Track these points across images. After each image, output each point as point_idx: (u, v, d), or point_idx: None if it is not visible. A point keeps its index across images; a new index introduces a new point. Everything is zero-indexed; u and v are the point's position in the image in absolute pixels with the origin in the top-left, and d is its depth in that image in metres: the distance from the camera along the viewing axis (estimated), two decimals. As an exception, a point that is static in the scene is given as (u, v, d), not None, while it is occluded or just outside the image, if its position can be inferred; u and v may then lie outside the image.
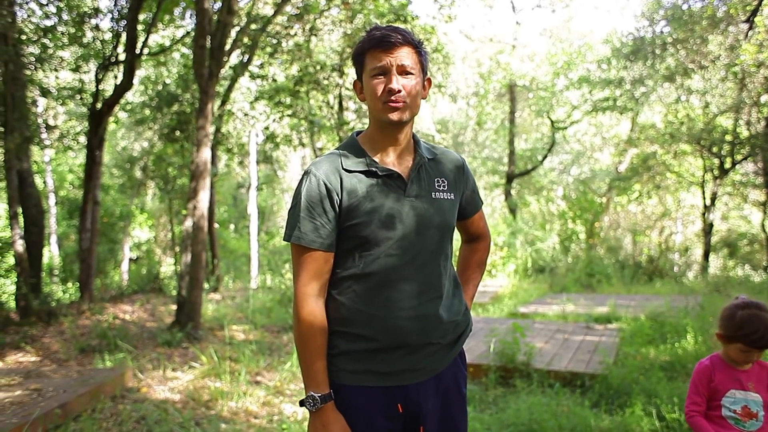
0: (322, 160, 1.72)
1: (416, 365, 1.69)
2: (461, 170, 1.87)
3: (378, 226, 1.65)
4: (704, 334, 5.90)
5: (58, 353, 6.35)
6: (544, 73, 18.14)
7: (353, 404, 1.67)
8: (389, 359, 1.67)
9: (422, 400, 1.70)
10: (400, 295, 1.66)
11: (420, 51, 1.69)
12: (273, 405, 4.69)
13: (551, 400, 4.45)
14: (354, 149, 1.74)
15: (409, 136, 1.77)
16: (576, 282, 12.59)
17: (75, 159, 16.83)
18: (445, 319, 1.73)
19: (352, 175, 1.68)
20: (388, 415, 1.67)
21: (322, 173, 1.67)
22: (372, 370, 1.67)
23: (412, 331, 1.66)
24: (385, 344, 1.66)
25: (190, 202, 7.09)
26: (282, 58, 9.00)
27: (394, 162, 1.74)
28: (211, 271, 11.14)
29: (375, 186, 1.68)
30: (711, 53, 12.35)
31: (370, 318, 1.66)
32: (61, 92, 9.61)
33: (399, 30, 1.66)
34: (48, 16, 8.78)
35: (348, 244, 1.68)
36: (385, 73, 1.64)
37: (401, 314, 1.66)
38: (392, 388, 1.67)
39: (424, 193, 1.72)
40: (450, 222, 1.77)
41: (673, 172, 16.03)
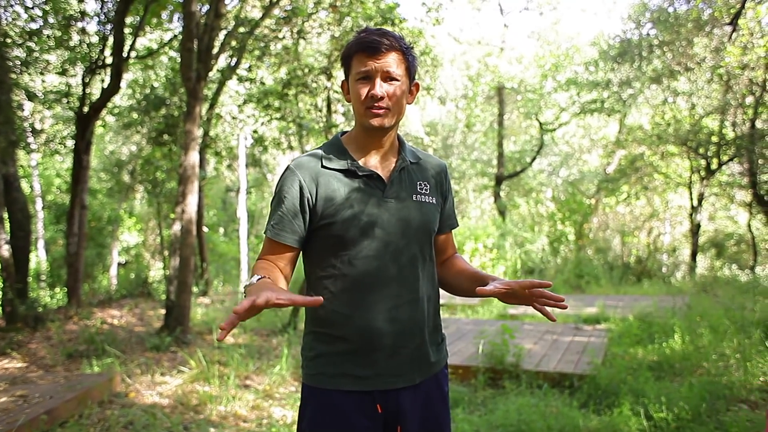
0: (303, 157, 1.73)
1: (392, 371, 1.67)
2: (444, 177, 1.86)
3: (354, 226, 1.65)
4: (691, 334, 5.95)
5: (44, 359, 6.29)
6: (532, 75, 18.22)
7: (332, 406, 1.66)
8: (367, 362, 1.66)
9: (401, 400, 1.69)
10: (376, 297, 1.65)
11: (408, 56, 1.68)
12: (262, 409, 4.67)
13: (540, 401, 4.47)
14: (337, 149, 1.73)
15: (393, 138, 1.77)
16: (565, 283, 12.65)
17: (62, 163, 16.69)
18: (423, 323, 1.72)
19: (331, 173, 1.68)
20: (367, 415, 1.66)
21: (300, 171, 1.68)
22: (350, 373, 1.66)
23: (388, 333, 1.66)
24: (361, 346, 1.66)
25: (179, 205, 7.06)
26: (270, 61, 8.99)
27: (376, 164, 1.74)
28: (200, 275, 11.09)
29: (353, 186, 1.68)
30: (696, 55, 12.46)
31: (347, 319, 1.66)
32: (47, 96, 9.54)
33: (387, 35, 1.65)
34: (33, 19, 8.71)
35: (324, 244, 1.68)
36: (370, 78, 1.64)
37: (378, 316, 1.65)
38: (364, 392, 1.66)
39: (405, 195, 1.72)
40: (431, 225, 1.76)
41: (660, 173, 16.14)
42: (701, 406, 3.98)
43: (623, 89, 14.49)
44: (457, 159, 22.21)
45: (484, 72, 18.26)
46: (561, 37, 19.78)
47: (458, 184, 22.80)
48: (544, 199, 20.42)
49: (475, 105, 19.08)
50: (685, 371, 5.01)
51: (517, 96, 18.87)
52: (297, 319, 7.74)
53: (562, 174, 21.65)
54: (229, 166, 16.16)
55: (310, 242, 1.72)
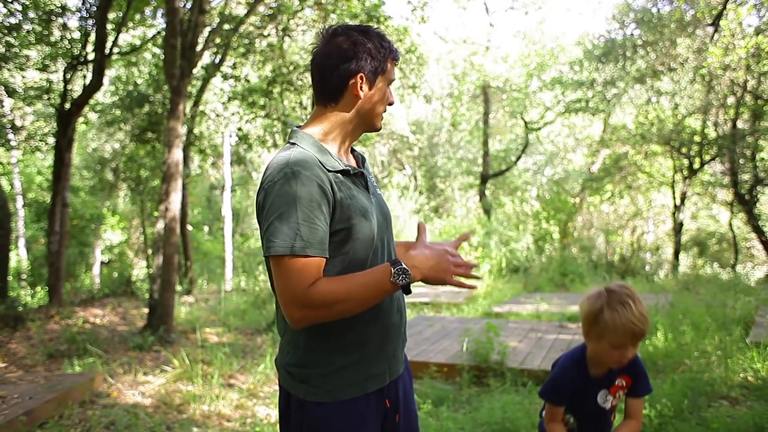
0: (304, 158, 1.53)
1: (398, 359, 1.73)
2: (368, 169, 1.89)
3: (369, 226, 1.60)
4: (674, 331, 5.99)
5: (24, 359, 6.20)
6: (518, 74, 18.30)
7: (354, 414, 1.60)
8: (383, 358, 1.67)
9: (398, 389, 1.74)
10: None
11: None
12: (246, 408, 4.64)
13: (524, 398, 4.48)
14: (318, 148, 1.61)
15: None
16: (550, 281, 12.72)
17: (43, 161, 16.49)
18: (405, 310, 1.81)
19: (332, 174, 1.56)
20: (380, 413, 1.67)
21: (311, 172, 1.49)
22: (372, 374, 1.63)
23: (399, 323, 1.71)
24: (382, 344, 1.66)
25: (162, 203, 7.00)
26: (255, 59, 8.94)
27: (347, 159, 1.74)
28: (184, 273, 11.01)
29: (352, 186, 1.62)
30: (679, 56, 12.58)
31: (370, 321, 1.61)
32: (27, 92, 9.41)
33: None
34: (13, 14, 8.57)
35: (342, 248, 1.56)
36: (390, 85, 1.70)
37: (392, 310, 1.67)
38: (379, 389, 1.65)
39: (376, 190, 1.78)
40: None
41: (644, 173, 16.29)
42: (683, 402, 4.01)
43: (607, 89, 14.60)
44: (442, 158, 22.25)
45: (470, 71, 18.30)
46: (546, 36, 19.87)
47: (443, 182, 22.85)
48: (529, 197, 20.53)
49: (460, 104, 19.13)
50: (667, 368, 5.05)
51: (503, 95, 18.94)
52: (282, 318, 7.69)
53: (547, 173, 21.77)
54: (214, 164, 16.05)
55: None
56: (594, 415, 2.02)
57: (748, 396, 4.26)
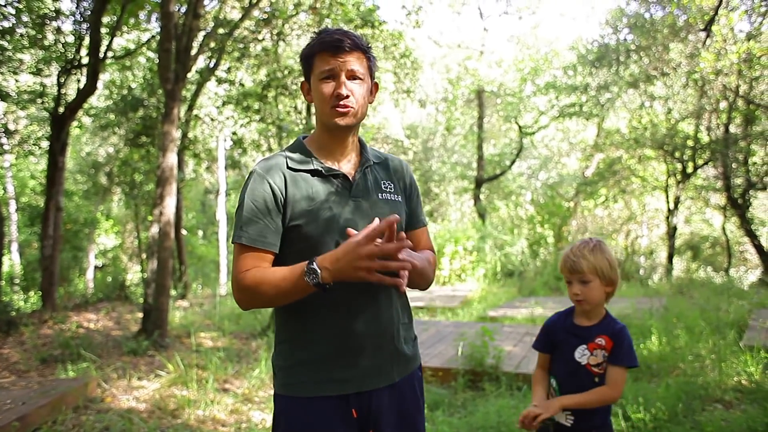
0: (268, 159, 1.71)
1: (372, 371, 1.66)
2: (408, 176, 1.86)
3: (324, 227, 1.63)
4: (668, 335, 6.01)
5: (17, 364, 6.16)
6: (512, 79, 18.36)
7: (311, 414, 1.63)
8: (348, 364, 1.64)
9: (375, 404, 1.67)
10: (354, 298, 1.64)
11: (369, 56, 1.70)
12: (241, 412, 4.63)
13: (520, 402, 4.48)
14: (300, 150, 1.72)
15: (355, 139, 1.78)
16: (544, 285, 12.74)
17: (37, 165, 16.42)
18: (395, 322, 1.72)
19: (297, 174, 1.67)
20: (344, 421, 1.64)
21: (267, 173, 1.65)
22: (329, 377, 1.64)
23: (368, 333, 1.65)
24: (342, 349, 1.64)
25: (156, 208, 6.98)
26: (249, 63, 8.93)
27: (340, 163, 1.73)
28: (178, 278, 10.98)
29: (321, 186, 1.66)
30: (672, 60, 12.66)
31: (326, 322, 1.64)
32: (21, 96, 9.37)
33: (349, 34, 1.65)
34: (6, 17, 8.54)
35: (294, 247, 1.64)
36: (334, 77, 1.63)
37: (357, 317, 1.64)
38: (343, 395, 1.64)
39: (371, 194, 1.72)
40: (399, 223, 1.70)
41: (637, 177, 16.37)
42: (678, 406, 4.03)
43: (601, 93, 14.66)
44: (437, 162, 22.28)
45: (464, 75, 18.35)
46: (540, 41, 19.97)
47: (438, 186, 22.86)
48: (523, 202, 20.57)
49: (455, 108, 19.17)
50: (662, 372, 5.07)
51: (497, 99, 19.00)
52: (276, 322, 7.67)
53: (542, 177, 21.83)
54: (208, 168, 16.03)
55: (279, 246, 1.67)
56: (572, 371, 2.11)
57: (742, 399, 4.28)
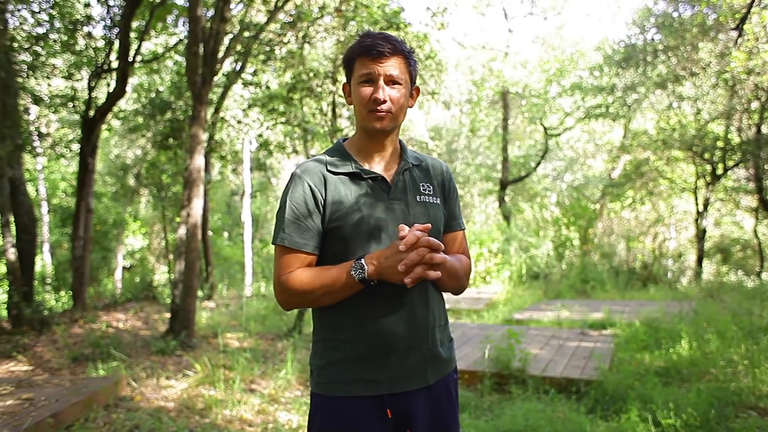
0: (308, 162, 1.74)
1: (406, 372, 1.67)
2: (447, 179, 1.86)
3: (362, 229, 1.66)
4: (699, 339, 5.91)
5: (50, 362, 6.29)
6: (537, 80, 18.22)
7: (344, 413, 1.65)
8: (380, 366, 1.65)
9: (412, 405, 1.68)
10: (388, 300, 1.65)
11: (410, 60, 1.69)
12: (268, 413, 4.66)
13: (547, 406, 4.45)
14: (340, 153, 1.75)
15: (395, 142, 1.78)
16: (570, 288, 12.62)
17: (67, 167, 16.75)
18: (431, 324, 1.72)
19: (337, 177, 1.70)
20: (378, 420, 1.66)
21: (308, 176, 1.69)
22: (363, 378, 1.65)
23: (402, 335, 1.65)
24: (374, 350, 1.65)
25: (184, 209, 7.06)
26: (275, 66, 9.00)
27: (380, 167, 1.74)
28: (204, 278, 11.08)
29: (359, 189, 1.69)
30: (702, 60, 12.44)
31: (359, 323, 1.66)
32: (53, 100, 9.56)
33: (390, 39, 1.66)
34: (40, 24, 8.74)
35: (333, 248, 1.68)
36: (372, 81, 1.65)
37: (391, 318, 1.65)
38: (377, 396, 1.65)
39: (410, 196, 1.72)
40: (436, 225, 1.75)
41: (665, 179, 16.12)
42: (710, 412, 3.95)
43: (628, 94, 14.47)
44: (461, 163, 22.21)
45: (489, 77, 18.28)
46: (565, 41, 19.80)
47: (463, 188, 22.79)
48: (548, 203, 20.40)
49: (479, 110, 19.10)
50: (692, 377, 4.98)
51: (522, 101, 18.88)
52: (302, 323, 7.72)
53: (567, 179, 21.64)
54: (234, 171, 16.18)
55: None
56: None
57: (776, 406, 4.18)
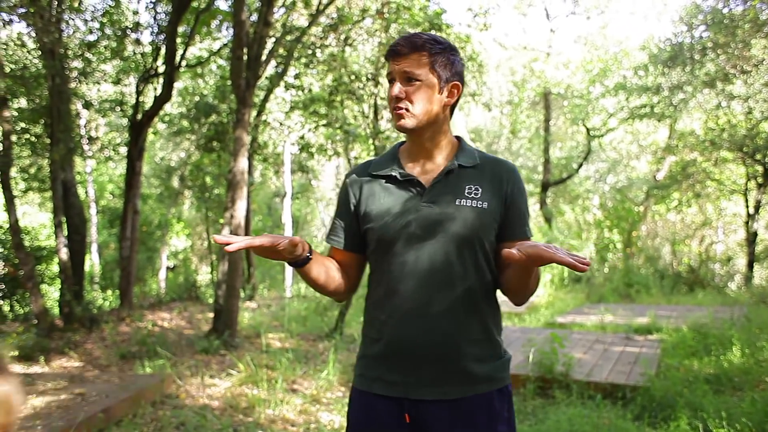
0: (357, 166, 1.84)
1: (421, 380, 1.63)
2: (507, 181, 1.70)
3: (390, 231, 1.66)
4: (751, 346, 5.71)
5: (99, 359, 6.48)
6: (580, 80, 17.92)
7: (368, 408, 1.70)
8: (397, 368, 1.65)
9: (431, 416, 1.63)
10: (407, 304, 1.63)
11: (433, 55, 1.63)
12: (310, 413, 4.70)
13: (592, 412, 4.37)
14: (389, 157, 1.78)
15: (441, 141, 1.72)
16: (614, 292, 12.36)
17: (114, 169, 17.22)
18: (457, 336, 1.63)
19: (375, 179, 1.74)
20: (396, 422, 1.66)
21: (349, 178, 1.79)
22: (382, 377, 1.68)
23: (417, 342, 1.62)
24: (392, 352, 1.66)
25: (228, 211, 7.18)
26: (317, 68, 9.08)
27: (423, 168, 1.72)
28: (246, 279, 11.25)
29: (393, 192, 1.70)
30: (754, 57, 12.03)
31: (383, 323, 1.68)
32: (102, 104, 9.87)
33: (410, 37, 1.65)
34: (91, 32, 9.04)
35: (369, 249, 1.75)
36: (393, 81, 1.67)
37: (408, 323, 1.63)
38: (395, 398, 1.65)
39: (447, 199, 1.65)
40: (474, 231, 1.64)
41: (713, 180, 15.64)
42: (766, 423, 3.82)
43: (674, 94, 14.09)
44: (501, 165, 21.97)
45: (530, 77, 18.06)
46: (609, 41, 19.41)
47: (503, 190, 22.53)
48: (591, 206, 20.03)
49: (520, 111, 18.89)
50: (745, 386, 4.82)
51: (564, 101, 18.59)
52: (343, 325, 7.76)
53: (610, 181, 21.21)
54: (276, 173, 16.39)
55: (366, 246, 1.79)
56: None
57: (836, 417, 4.01)
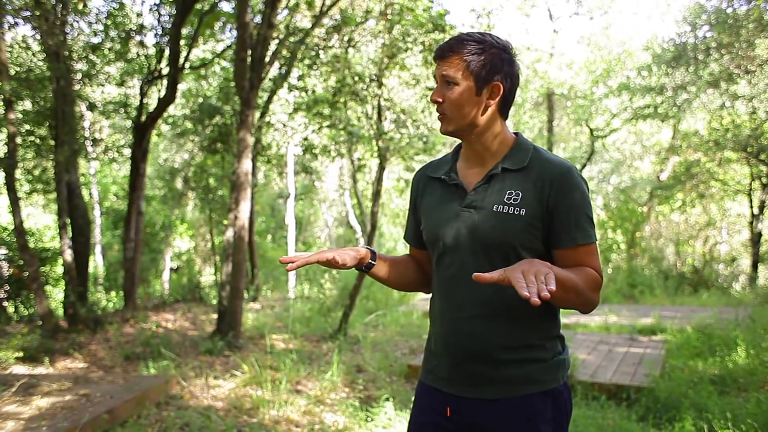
0: (424, 166, 1.91)
1: (461, 379, 1.68)
2: (551, 186, 1.59)
3: (431, 233, 1.74)
4: (756, 347, 5.70)
5: (104, 360, 6.49)
6: (583, 81, 17.90)
7: (420, 396, 1.82)
8: (441, 363, 1.74)
9: (474, 412, 1.67)
10: (446, 304, 1.70)
11: (468, 57, 1.60)
12: (314, 414, 4.70)
13: (596, 412, 4.36)
14: (448, 158, 1.82)
15: (491, 144, 1.68)
16: (618, 292, 12.34)
17: (118, 171, 17.26)
18: (490, 341, 1.63)
19: (431, 181, 1.81)
20: (438, 413, 1.73)
21: (415, 178, 1.89)
22: (432, 371, 1.78)
23: (451, 342, 1.68)
24: (438, 348, 1.75)
25: (231, 212, 7.19)
26: (320, 70, 9.09)
27: (472, 171, 1.71)
28: (250, 280, 11.26)
29: (441, 195, 1.75)
30: (758, 57, 12.00)
31: (432, 320, 1.79)
32: (106, 106, 9.89)
33: (452, 38, 1.65)
34: (96, 34, 9.06)
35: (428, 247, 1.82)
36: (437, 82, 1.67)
37: (445, 323, 1.70)
38: (441, 391, 1.72)
39: (486, 204, 1.62)
40: (507, 238, 1.59)
41: (717, 180, 15.59)
42: (770, 423, 3.81)
43: (678, 94, 14.06)
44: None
45: (533, 78, 18.04)
46: (612, 41, 19.39)
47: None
48: (594, 206, 20.00)
49: (523, 111, 18.87)
50: (751, 386, 4.80)
51: (567, 102, 18.57)
52: (347, 326, 7.76)
53: (613, 181, 21.17)
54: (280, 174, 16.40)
55: None
56: None
57: (842, 418, 4.00)
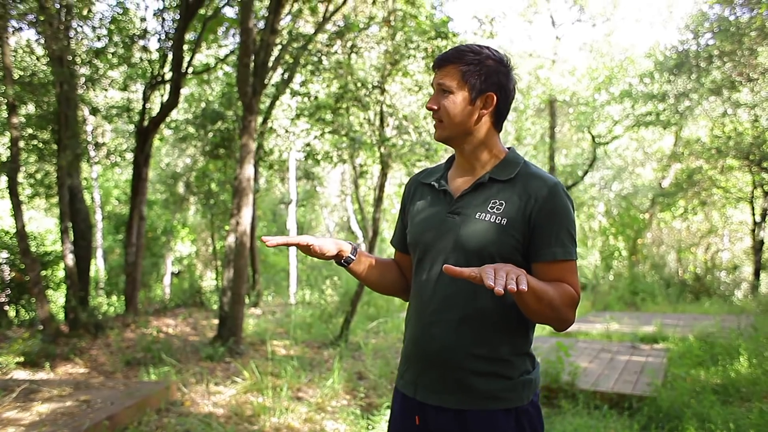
0: (418, 171, 1.93)
1: (428, 385, 1.68)
2: (536, 199, 1.59)
3: (417, 238, 1.75)
4: (759, 356, 5.67)
5: (105, 365, 6.48)
6: (585, 87, 17.92)
7: (394, 401, 1.82)
8: (411, 367, 1.74)
9: (439, 421, 1.66)
10: (421, 307, 1.71)
11: (463, 66, 1.62)
12: (315, 421, 4.68)
13: (598, 422, 4.34)
14: (442, 166, 1.84)
15: (480, 152, 1.70)
16: (619, 300, 12.33)
17: (120, 175, 17.29)
18: (461, 349, 1.62)
19: (422, 186, 1.83)
20: (407, 420, 1.74)
21: (407, 183, 1.90)
22: (403, 375, 1.78)
23: (422, 348, 1.69)
24: (409, 352, 1.76)
25: (233, 218, 7.18)
26: (323, 76, 9.10)
27: (463, 179, 1.74)
28: (251, 286, 11.24)
29: (429, 201, 1.77)
30: (760, 65, 12.01)
31: (407, 324, 1.80)
32: (109, 111, 9.92)
33: (451, 49, 1.68)
34: (99, 39, 9.09)
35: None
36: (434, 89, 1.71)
37: (417, 328, 1.72)
38: (410, 397, 1.72)
39: (469, 212, 1.64)
40: (486, 246, 1.59)
41: (719, 188, 15.59)
42: (773, 433, 3.79)
43: (680, 101, 14.07)
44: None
45: (535, 84, 18.06)
46: (615, 48, 19.42)
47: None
48: (596, 213, 19.99)
49: (525, 118, 18.89)
50: (753, 396, 4.78)
51: (569, 108, 18.59)
52: (348, 332, 7.75)
53: (615, 188, 21.16)
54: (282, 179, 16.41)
55: None
56: None
57: None
